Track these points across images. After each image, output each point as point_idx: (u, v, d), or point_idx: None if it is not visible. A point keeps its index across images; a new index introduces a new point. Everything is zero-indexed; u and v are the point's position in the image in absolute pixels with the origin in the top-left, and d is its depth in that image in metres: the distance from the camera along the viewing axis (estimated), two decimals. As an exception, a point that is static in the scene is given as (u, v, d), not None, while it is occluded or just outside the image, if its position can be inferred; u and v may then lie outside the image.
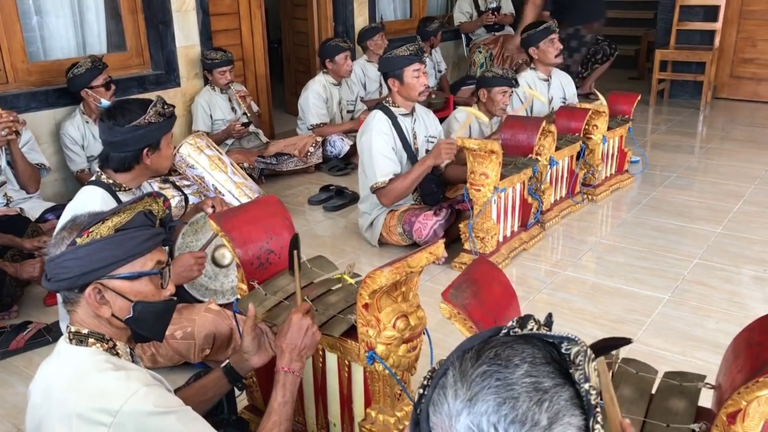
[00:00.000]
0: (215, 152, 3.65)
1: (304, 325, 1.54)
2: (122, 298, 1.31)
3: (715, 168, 4.73)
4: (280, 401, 1.50)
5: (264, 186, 4.31)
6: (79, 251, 1.26)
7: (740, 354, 1.24)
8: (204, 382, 1.68)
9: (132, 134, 2.13)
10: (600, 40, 6.45)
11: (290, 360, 1.53)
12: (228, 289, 2.62)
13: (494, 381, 0.74)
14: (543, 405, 0.72)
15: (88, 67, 3.65)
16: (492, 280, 1.49)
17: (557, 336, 0.79)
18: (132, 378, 1.26)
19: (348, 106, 5.10)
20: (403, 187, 3.22)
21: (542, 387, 0.74)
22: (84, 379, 1.25)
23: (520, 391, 0.73)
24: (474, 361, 0.77)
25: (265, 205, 1.95)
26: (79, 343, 1.31)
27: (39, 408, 1.30)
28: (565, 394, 0.74)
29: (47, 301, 2.93)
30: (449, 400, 0.75)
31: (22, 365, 2.50)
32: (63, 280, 1.27)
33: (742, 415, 1.19)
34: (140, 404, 1.22)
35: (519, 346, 0.78)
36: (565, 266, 3.22)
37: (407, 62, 3.17)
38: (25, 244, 2.85)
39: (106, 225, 1.28)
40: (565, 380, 0.76)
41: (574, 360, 0.76)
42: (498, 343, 0.79)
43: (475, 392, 0.74)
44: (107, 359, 1.29)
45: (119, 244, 1.28)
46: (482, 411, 0.72)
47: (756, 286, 2.95)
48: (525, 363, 0.76)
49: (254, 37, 5.16)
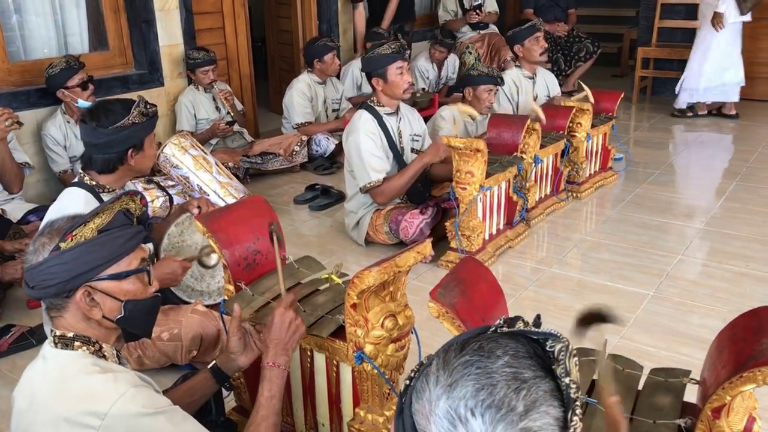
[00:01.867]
0: (200, 152, 3.62)
1: (287, 319, 1.54)
2: (112, 299, 1.31)
3: (697, 165, 4.79)
4: (267, 396, 1.50)
5: (249, 185, 4.29)
6: (65, 256, 1.25)
7: (724, 350, 1.26)
8: (191, 383, 1.67)
9: (116, 135, 2.11)
10: (583, 38, 6.50)
11: (275, 354, 1.52)
12: (214, 290, 2.60)
13: (474, 369, 0.76)
14: (521, 393, 0.74)
15: (62, 67, 3.61)
16: (479, 279, 1.50)
17: (541, 332, 0.81)
18: (119, 380, 1.25)
19: (333, 105, 5.10)
20: (399, 185, 3.23)
21: (521, 377, 0.75)
22: (71, 383, 1.24)
23: (498, 379, 0.74)
24: (458, 352, 0.79)
25: (251, 205, 1.94)
26: (64, 347, 1.30)
27: (25, 413, 1.28)
28: (544, 385, 0.75)
29: (30, 304, 2.90)
30: (431, 386, 0.77)
31: (5, 369, 2.47)
32: (50, 286, 1.26)
33: (727, 410, 1.21)
34: (129, 406, 1.21)
35: (503, 341, 0.80)
36: (550, 263, 3.24)
37: (390, 60, 3.17)
38: (6, 246, 2.82)
39: (89, 227, 1.27)
40: (546, 374, 0.77)
41: (557, 356, 0.78)
42: (483, 338, 0.81)
43: (456, 379, 0.76)
44: (94, 362, 1.28)
45: (104, 245, 1.28)
46: (460, 396, 0.74)
47: (739, 282, 2.98)
48: (507, 355, 0.77)
49: (238, 36, 5.14)
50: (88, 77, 3.68)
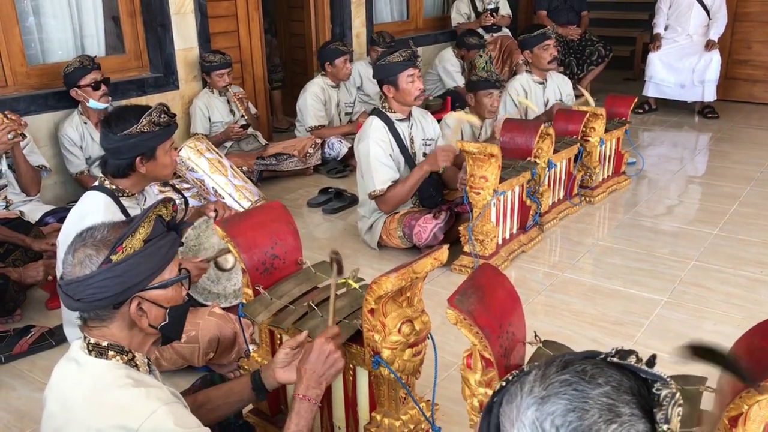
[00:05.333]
0: (215, 155, 3.66)
1: (326, 351, 1.51)
2: (157, 306, 1.34)
3: (711, 169, 4.77)
4: (294, 429, 1.48)
5: (263, 189, 4.32)
6: (117, 268, 1.26)
7: (741, 360, 1.27)
8: (232, 384, 1.68)
9: (123, 143, 2.13)
10: (595, 42, 6.49)
11: (307, 387, 1.50)
12: (230, 292, 2.63)
13: (571, 389, 0.75)
14: (611, 425, 0.72)
15: (76, 66, 3.67)
16: (497, 286, 1.52)
17: (651, 373, 0.77)
18: (152, 396, 1.26)
19: (346, 108, 5.12)
20: (402, 193, 3.25)
21: (617, 410, 0.73)
22: (104, 395, 1.26)
23: (593, 405, 0.73)
24: (559, 369, 0.79)
25: (269, 210, 1.96)
26: (98, 356, 1.31)
27: (56, 417, 1.30)
28: (639, 425, 0.73)
29: (49, 305, 2.94)
30: (524, 394, 0.78)
31: (25, 369, 2.51)
32: (102, 299, 1.27)
33: (744, 419, 1.21)
34: (160, 423, 1.22)
35: (609, 370, 0.77)
36: (563, 268, 3.25)
37: (401, 68, 3.19)
38: (34, 245, 2.87)
39: (137, 238, 1.29)
40: (644, 415, 0.74)
41: (661, 401, 0.75)
42: (589, 362, 0.79)
43: (550, 393, 0.76)
44: (127, 374, 1.30)
45: (152, 256, 1.30)
46: (550, 411, 0.74)
47: (753, 288, 2.98)
48: (608, 385, 0.75)
49: (252, 39, 5.17)
50: (102, 78, 3.72)
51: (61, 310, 2.50)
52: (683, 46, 6.06)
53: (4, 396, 2.35)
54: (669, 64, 6.03)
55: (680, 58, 6.00)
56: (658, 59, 6.07)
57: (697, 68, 5.90)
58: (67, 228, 2.23)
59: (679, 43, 6.08)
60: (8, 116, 3.04)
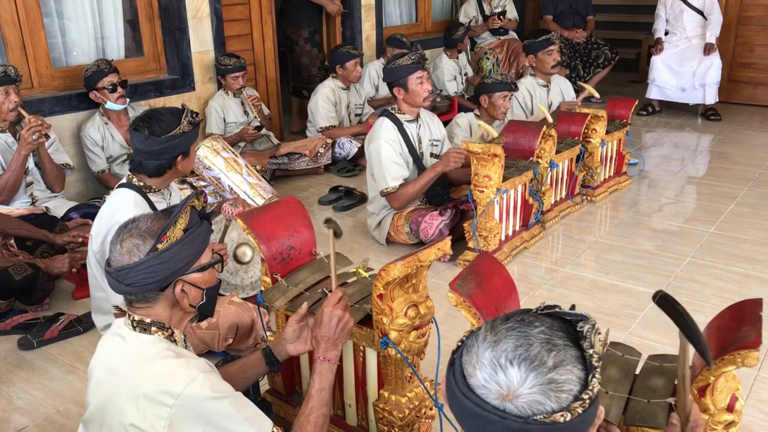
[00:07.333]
0: (231, 154, 3.82)
1: (335, 317, 1.66)
2: (196, 288, 1.50)
3: (711, 170, 4.89)
4: (317, 387, 1.63)
5: (275, 187, 4.47)
6: (163, 255, 1.42)
7: (711, 337, 1.41)
8: (244, 361, 1.84)
9: (168, 143, 2.31)
10: (601, 45, 6.61)
11: (326, 349, 1.66)
12: (248, 284, 2.79)
13: (516, 332, 0.96)
14: (551, 352, 0.93)
15: (94, 70, 3.84)
16: (494, 273, 1.66)
17: (574, 314, 1.00)
18: (191, 365, 1.42)
19: (356, 110, 5.28)
20: (413, 191, 3.40)
21: (553, 342, 0.94)
22: (150, 364, 1.42)
23: (534, 341, 0.94)
24: (503, 321, 0.99)
25: (286, 205, 2.12)
26: (143, 331, 1.47)
27: (104, 384, 1.47)
28: (572, 351, 0.95)
29: (76, 295, 3.11)
30: (479, 342, 0.97)
31: (56, 353, 2.68)
32: (150, 283, 1.43)
33: (711, 389, 1.36)
34: (199, 389, 1.38)
35: (541, 317, 0.99)
36: (564, 264, 3.39)
37: (410, 70, 3.34)
38: (57, 239, 3.04)
39: (177, 228, 1.45)
40: (574, 345, 0.96)
41: (584, 334, 0.96)
42: (526, 314, 1.00)
43: (500, 338, 0.96)
44: (168, 347, 1.46)
45: (192, 243, 1.47)
46: (503, 349, 0.94)
47: (745, 283, 3.11)
48: (543, 326, 0.97)
49: (265, 42, 5.33)
50: (119, 81, 3.87)
51: (90, 298, 2.67)
52: (684, 49, 6.18)
53: (37, 377, 2.52)
54: (671, 67, 6.15)
55: (681, 61, 6.12)
56: (660, 62, 6.19)
57: (698, 72, 6.01)
58: (99, 223, 2.40)
59: (680, 47, 6.20)
60: (31, 120, 3.22)
